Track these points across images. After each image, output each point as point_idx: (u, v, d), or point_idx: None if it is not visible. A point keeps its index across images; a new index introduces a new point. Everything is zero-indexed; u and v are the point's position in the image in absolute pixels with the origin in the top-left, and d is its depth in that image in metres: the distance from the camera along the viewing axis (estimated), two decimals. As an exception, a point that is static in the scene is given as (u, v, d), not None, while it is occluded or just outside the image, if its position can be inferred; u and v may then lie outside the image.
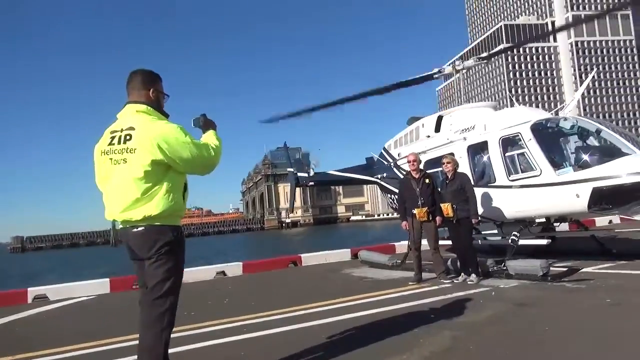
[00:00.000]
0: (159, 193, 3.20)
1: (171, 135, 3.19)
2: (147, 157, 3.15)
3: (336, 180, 14.45)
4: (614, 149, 7.37)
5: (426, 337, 4.54)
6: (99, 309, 8.50)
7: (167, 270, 3.24)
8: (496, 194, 8.40)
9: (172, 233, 3.28)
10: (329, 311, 6.17)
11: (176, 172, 3.28)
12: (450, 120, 9.96)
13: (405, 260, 9.71)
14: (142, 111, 3.32)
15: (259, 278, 10.87)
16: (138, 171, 3.16)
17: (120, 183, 3.24)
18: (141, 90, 3.36)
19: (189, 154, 3.20)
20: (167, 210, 3.23)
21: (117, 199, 3.26)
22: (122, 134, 3.25)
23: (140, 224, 3.22)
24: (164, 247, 3.23)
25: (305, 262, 12.64)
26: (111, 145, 3.27)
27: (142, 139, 3.18)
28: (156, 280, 3.24)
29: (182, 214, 3.41)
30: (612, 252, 8.70)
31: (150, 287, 3.26)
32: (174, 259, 3.28)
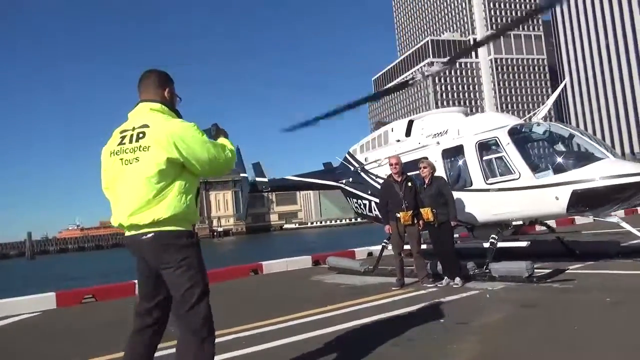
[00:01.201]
0: (171, 194, 2.95)
1: (188, 133, 2.99)
2: (162, 155, 2.92)
3: (296, 185, 14.13)
4: (589, 153, 7.69)
5: (453, 344, 4.36)
6: (48, 329, 7.48)
7: (191, 276, 3.00)
8: (473, 198, 8.48)
9: (187, 236, 3.02)
10: (322, 320, 5.83)
11: (190, 174, 3.05)
12: (421, 124, 10.00)
13: (378, 266, 9.60)
14: (157, 110, 3.13)
15: (223, 288, 10.28)
16: (151, 169, 2.91)
17: (131, 184, 2.97)
18: (157, 90, 3.19)
19: (206, 153, 3.00)
20: (180, 214, 2.95)
21: (127, 201, 2.98)
22: (134, 132, 3.03)
23: (150, 230, 2.94)
24: (181, 252, 2.98)
25: (266, 269, 12.23)
26: (122, 145, 3.04)
27: (157, 136, 2.96)
28: (184, 288, 2.98)
29: (194, 220, 3.13)
30: (576, 253, 9.06)
31: (178, 298, 3.00)
32: (195, 262, 3.04)
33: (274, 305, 7.29)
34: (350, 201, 12.00)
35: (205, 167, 3.02)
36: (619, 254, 8.74)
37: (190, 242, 3.02)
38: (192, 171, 3.03)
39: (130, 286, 10.34)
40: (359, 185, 11.34)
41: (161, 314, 3.16)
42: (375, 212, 10.84)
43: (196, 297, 2.97)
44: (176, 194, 2.95)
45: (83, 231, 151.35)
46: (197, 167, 3.01)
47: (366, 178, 11.04)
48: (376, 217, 11.05)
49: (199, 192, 3.15)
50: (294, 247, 49.60)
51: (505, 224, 8.53)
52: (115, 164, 3.05)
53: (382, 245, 9.86)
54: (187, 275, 2.98)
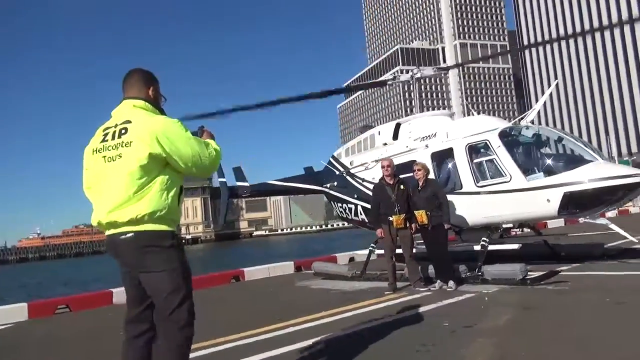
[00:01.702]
0: (152, 190, 2.83)
1: (171, 129, 2.90)
2: (144, 150, 2.81)
3: (278, 190, 13.90)
4: (579, 155, 7.78)
5: (465, 348, 4.24)
6: (20, 342, 6.96)
7: (173, 279, 2.85)
8: (463, 201, 8.45)
9: (169, 237, 2.87)
10: (319, 327, 5.64)
11: (173, 171, 2.93)
12: (409, 127, 9.95)
13: (365, 270, 9.47)
14: (140, 106, 3.05)
15: (205, 296, 9.94)
16: (133, 165, 2.81)
17: (113, 181, 2.85)
18: (141, 88, 3.11)
19: (189, 149, 2.89)
20: (160, 211, 2.81)
21: (107, 198, 2.86)
22: (116, 128, 2.94)
23: (129, 230, 2.81)
24: (163, 255, 2.84)
25: (248, 276, 11.93)
26: (104, 142, 2.94)
27: (139, 131, 2.86)
28: (165, 293, 2.83)
29: (176, 219, 2.96)
30: (561, 256, 9.15)
31: (159, 303, 2.86)
32: (178, 266, 2.89)
33: (264, 313, 7.05)
34: (334, 205, 11.85)
35: (188, 164, 2.90)
36: (604, 256, 8.87)
37: (173, 244, 2.88)
38: (176, 168, 2.92)
39: (106, 295, 9.90)
40: (344, 189, 11.20)
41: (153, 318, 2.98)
42: (362, 216, 10.73)
43: (178, 301, 2.84)
44: (157, 191, 2.83)
45: (44, 240, 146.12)
46: (180, 164, 2.89)
47: (352, 182, 10.91)
48: (362, 222, 10.95)
49: (182, 191, 3.00)
50: (267, 253, 49.06)
51: (495, 226, 8.53)
52: (97, 162, 2.94)
53: (370, 250, 9.76)
54: (168, 279, 2.83)
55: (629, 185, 7.18)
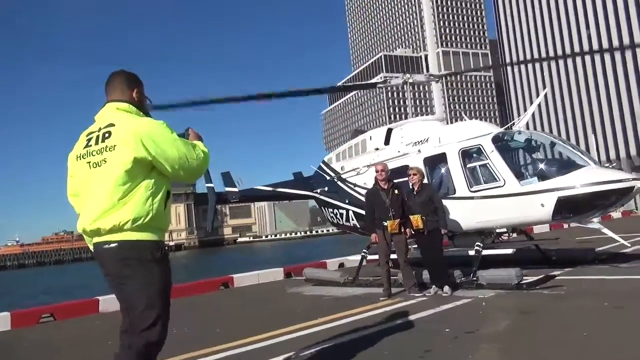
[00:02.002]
0: (136, 196, 2.73)
1: (156, 131, 2.80)
2: (128, 154, 2.72)
3: (268, 195, 13.74)
4: (572, 160, 7.83)
5: (472, 354, 4.16)
6: (2, 353, 6.73)
7: (149, 296, 2.73)
8: (456, 206, 8.43)
9: (152, 250, 2.77)
10: (315, 334, 5.53)
11: (159, 175, 2.83)
12: (400, 132, 9.93)
13: (358, 276, 9.38)
14: (124, 109, 2.95)
15: (195, 303, 9.75)
16: (117, 170, 2.72)
17: (98, 188, 2.76)
18: (124, 90, 3.01)
19: (176, 152, 2.78)
20: (143, 218, 2.72)
21: (92, 205, 2.77)
22: (99, 133, 2.85)
23: (112, 239, 2.72)
24: (141, 268, 2.73)
25: (237, 283, 11.74)
26: (88, 148, 2.85)
27: (123, 134, 2.77)
28: (139, 309, 2.72)
29: (163, 226, 2.88)
30: (552, 260, 9.19)
31: (132, 317, 2.74)
32: (157, 280, 2.77)
33: (256, 321, 6.91)
34: (325, 211, 11.76)
35: (175, 167, 2.79)
36: (595, 260, 8.93)
37: (155, 257, 2.76)
38: (162, 172, 2.81)
39: (93, 303, 9.63)
40: (335, 194, 11.13)
41: None
42: (353, 221, 10.66)
43: (152, 320, 2.71)
44: (142, 196, 2.73)
45: (23, 247, 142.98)
46: (166, 168, 2.78)
47: (343, 187, 10.85)
48: (354, 227, 10.88)
49: (169, 196, 2.88)
50: (252, 260, 48.68)
51: (489, 231, 8.53)
52: (82, 169, 2.85)
53: (362, 256, 9.67)
54: (144, 294, 2.72)
55: (622, 190, 7.24)
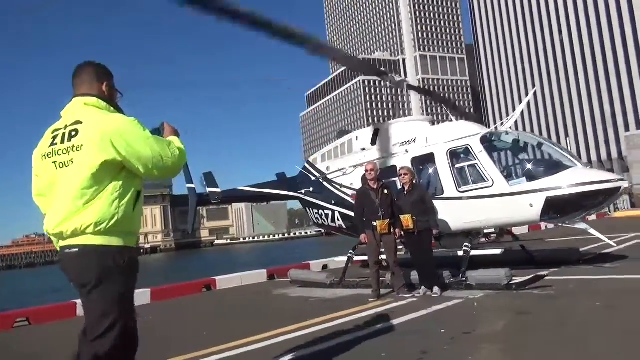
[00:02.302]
0: (101, 199, 2.56)
1: (127, 129, 2.62)
2: (96, 155, 2.55)
3: (251, 196, 13.52)
4: (559, 161, 7.88)
5: (472, 355, 4.08)
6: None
7: (106, 304, 2.57)
8: (444, 206, 8.39)
9: (117, 256, 2.59)
10: (307, 336, 5.39)
11: (129, 175, 2.66)
12: (387, 133, 9.87)
13: (344, 278, 9.27)
14: (92, 104, 2.76)
15: (178, 306, 9.51)
16: (84, 172, 2.55)
17: (64, 189, 2.59)
18: (92, 83, 2.81)
19: (149, 151, 2.60)
20: (107, 222, 2.54)
21: (58, 207, 2.61)
22: (66, 130, 2.66)
23: (74, 243, 2.57)
24: (105, 274, 2.56)
25: (220, 285, 11.51)
26: (53, 146, 2.66)
27: (91, 133, 2.59)
28: (94, 316, 2.58)
29: (132, 230, 2.69)
30: (535, 260, 9.23)
31: (87, 324, 2.61)
32: (116, 290, 2.59)
33: (242, 324, 6.76)
34: (310, 212, 11.62)
35: (149, 166, 2.61)
36: (579, 261, 9.00)
37: (118, 264, 2.57)
38: (134, 172, 2.65)
39: (70, 307, 9.27)
40: (320, 195, 11.00)
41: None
42: (339, 222, 10.56)
43: (103, 330, 2.55)
44: (107, 199, 2.56)
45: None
46: (139, 168, 2.61)
47: (329, 187, 10.73)
48: (339, 228, 10.77)
49: (140, 197, 2.71)
50: (232, 262, 48.14)
51: (476, 232, 8.52)
52: (48, 169, 2.67)
53: (348, 257, 9.55)
54: (101, 302, 2.56)
55: (609, 190, 7.31)
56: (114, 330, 2.56)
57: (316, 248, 49.81)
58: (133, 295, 2.73)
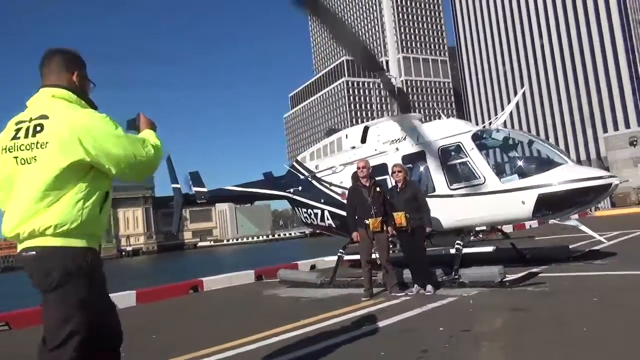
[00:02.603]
0: (65, 200, 2.36)
1: (97, 126, 2.41)
2: (62, 156, 2.35)
3: (238, 196, 13.32)
4: (550, 158, 7.88)
5: (474, 352, 4.01)
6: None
7: (66, 309, 2.35)
8: (436, 204, 8.32)
9: (79, 258, 2.38)
10: (302, 336, 5.26)
11: (98, 175, 2.45)
12: (377, 131, 9.79)
13: (335, 277, 9.15)
14: (61, 96, 2.52)
15: (165, 308, 9.28)
16: (49, 171, 2.34)
17: (25, 188, 2.38)
18: (61, 73, 2.57)
19: (121, 150, 2.40)
20: (69, 224, 2.34)
21: (17, 207, 2.39)
22: (30, 124, 2.44)
23: (32, 245, 2.37)
24: (65, 277, 2.35)
25: (207, 286, 11.29)
26: (16, 140, 2.44)
27: (57, 129, 2.37)
28: (53, 322, 2.36)
29: (95, 232, 2.48)
30: (526, 258, 9.24)
31: (47, 333, 2.39)
32: (77, 294, 2.37)
33: (233, 326, 6.58)
34: (298, 211, 11.48)
35: (121, 166, 2.42)
36: (569, 258, 9.03)
37: (79, 266, 2.37)
38: (105, 172, 2.45)
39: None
40: (309, 194, 10.88)
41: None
42: (329, 221, 10.45)
43: (62, 338, 2.33)
44: (71, 200, 2.36)
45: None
46: (109, 168, 2.41)
47: (318, 186, 10.61)
48: (329, 227, 10.66)
49: (107, 198, 2.51)
50: (217, 264, 47.67)
51: (468, 229, 8.48)
52: (8, 163, 2.44)
53: (338, 256, 9.44)
54: (61, 307, 2.35)
55: (601, 187, 7.33)
56: (73, 339, 2.33)
57: (301, 249, 49.68)
58: (104, 301, 2.52)
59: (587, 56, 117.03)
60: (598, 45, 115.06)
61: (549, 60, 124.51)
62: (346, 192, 9.38)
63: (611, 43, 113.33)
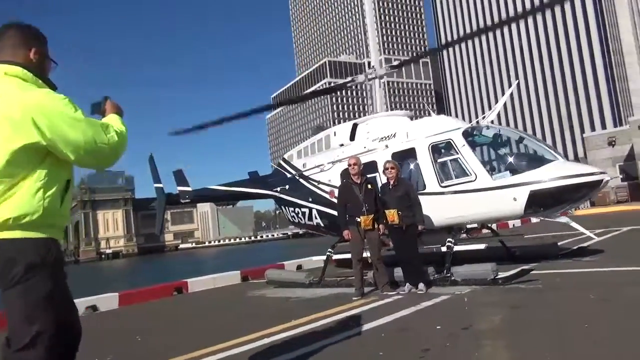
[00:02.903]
0: (23, 189, 2.17)
1: (54, 108, 2.19)
2: (14, 137, 2.14)
3: (223, 195, 13.07)
4: (541, 155, 7.84)
5: (476, 351, 3.87)
6: None
7: (30, 306, 2.16)
8: (426, 202, 8.21)
9: (41, 250, 2.20)
10: (295, 337, 5.11)
11: (57, 161, 2.25)
12: (366, 128, 9.67)
13: (324, 277, 8.99)
14: (15, 74, 2.28)
15: (148, 311, 9.01)
16: (0, 157, 2.15)
17: None
18: (17, 49, 2.35)
19: (80, 135, 2.19)
20: (29, 217, 2.15)
21: None
22: None
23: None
24: (28, 271, 2.16)
25: (192, 288, 11.04)
26: None
27: (9, 110, 2.17)
28: (16, 321, 2.17)
29: (59, 223, 2.31)
30: (516, 255, 9.20)
31: (11, 333, 2.18)
32: (41, 289, 2.18)
33: (224, 326, 6.41)
34: (285, 210, 11.29)
35: (80, 152, 2.21)
36: (558, 255, 9.02)
37: (43, 258, 2.19)
38: (62, 158, 2.25)
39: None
40: (296, 192, 10.69)
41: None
42: (317, 220, 10.28)
43: (29, 337, 2.14)
44: (29, 190, 2.17)
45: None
46: (67, 154, 2.21)
47: (306, 185, 10.43)
48: (316, 226, 10.49)
49: (69, 188, 2.33)
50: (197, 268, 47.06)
51: (459, 227, 8.40)
52: None
53: (327, 255, 9.28)
54: (23, 303, 2.15)
55: (592, 183, 7.31)
56: (41, 338, 2.15)
57: (285, 250, 49.37)
58: (68, 296, 2.33)
59: (565, 58, 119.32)
60: (575, 47, 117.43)
61: (527, 63, 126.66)
62: (335, 190, 9.25)
63: (588, 44, 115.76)
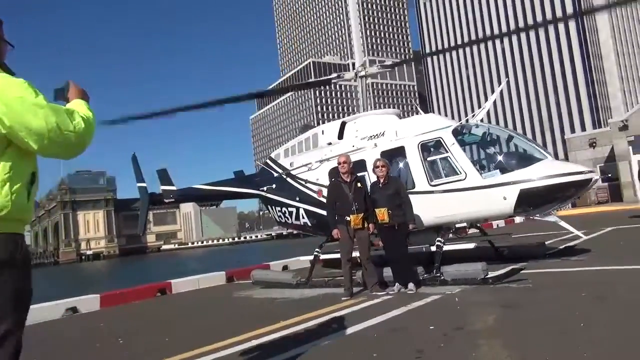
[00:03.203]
0: None
1: (13, 94, 2.03)
2: None
3: (206, 195, 12.81)
4: (530, 153, 7.82)
5: (473, 351, 3.78)
6: None
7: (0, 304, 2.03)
8: (415, 201, 8.13)
9: (9, 246, 2.07)
10: (287, 337, 4.99)
11: (19, 152, 2.10)
12: (355, 126, 9.55)
13: (311, 277, 8.85)
14: None
15: (130, 313, 8.76)
16: None
17: None
18: None
19: (42, 121, 2.02)
20: (1, 211, 2.02)
21: None
22: None
23: None
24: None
25: (176, 289, 10.80)
26: None
27: None
28: None
29: (24, 218, 2.17)
30: (504, 255, 9.19)
31: None
32: (8, 287, 2.05)
33: (211, 327, 6.24)
34: (272, 210, 11.10)
35: (43, 142, 2.05)
36: (546, 255, 9.02)
37: (10, 253, 2.07)
38: (24, 148, 2.09)
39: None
40: (283, 192, 10.52)
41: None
42: (304, 219, 10.13)
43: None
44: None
45: None
46: (29, 143, 2.05)
47: (293, 184, 10.26)
48: (304, 226, 10.34)
49: (34, 181, 2.19)
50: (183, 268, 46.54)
51: (448, 226, 8.33)
52: None
53: (315, 255, 9.14)
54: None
55: (581, 182, 7.31)
56: (9, 340, 2.01)
57: (269, 251, 49.10)
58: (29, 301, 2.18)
59: (546, 61, 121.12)
60: (556, 50, 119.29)
61: (510, 66, 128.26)
62: (323, 189, 9.12)
63: (568, 47, 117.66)
